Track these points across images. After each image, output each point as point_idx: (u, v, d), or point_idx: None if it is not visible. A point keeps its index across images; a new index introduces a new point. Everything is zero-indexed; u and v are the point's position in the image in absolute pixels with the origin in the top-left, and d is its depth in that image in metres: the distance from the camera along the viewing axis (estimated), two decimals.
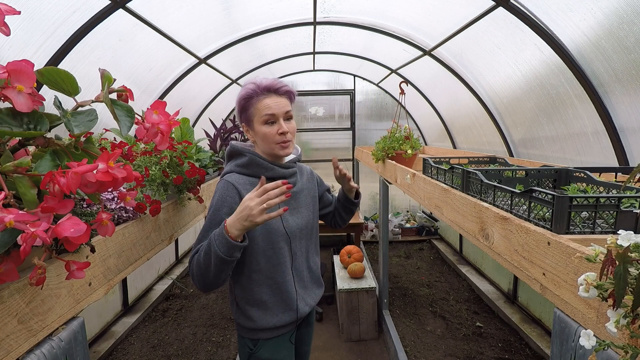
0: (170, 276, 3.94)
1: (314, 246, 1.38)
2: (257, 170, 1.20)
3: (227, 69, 3.80)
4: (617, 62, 1.71)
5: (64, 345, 0.83)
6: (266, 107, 1.15)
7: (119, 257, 1.06)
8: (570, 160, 2.28)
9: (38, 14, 1.65)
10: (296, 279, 1.27)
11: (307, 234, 1.31)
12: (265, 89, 1.16)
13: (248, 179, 1.20)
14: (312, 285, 1.35)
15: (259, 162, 1.20)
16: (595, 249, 0.55)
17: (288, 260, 1.24)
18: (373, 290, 3.03)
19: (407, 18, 2.90)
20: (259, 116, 1.16)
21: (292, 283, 1.25)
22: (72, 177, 0.54)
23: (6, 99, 0.56)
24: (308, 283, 1.33)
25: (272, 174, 1.21)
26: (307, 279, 1.33)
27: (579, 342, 0.53)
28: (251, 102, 1.17)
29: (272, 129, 1.16)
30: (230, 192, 1.15)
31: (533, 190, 0.89)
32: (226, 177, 1.19)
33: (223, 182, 1.18)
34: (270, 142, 1.17)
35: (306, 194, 1.34)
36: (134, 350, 2.80)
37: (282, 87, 1.18)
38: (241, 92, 1.19)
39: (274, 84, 1.17)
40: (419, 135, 4.98)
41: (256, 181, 1.19)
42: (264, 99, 1.15)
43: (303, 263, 1.31)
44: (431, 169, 1.65)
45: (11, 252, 0.59)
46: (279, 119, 1.16)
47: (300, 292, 1.28)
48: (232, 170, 1.22)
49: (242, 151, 1.22)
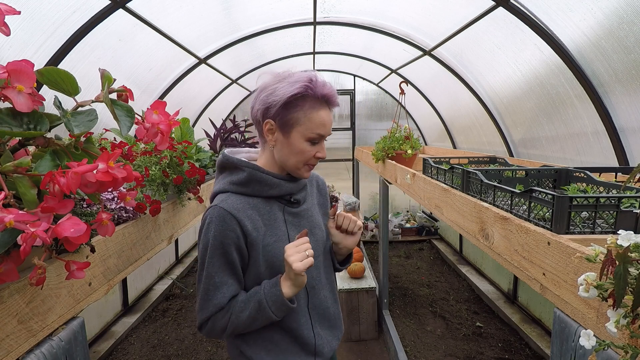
0: (170, 276, 3.94)
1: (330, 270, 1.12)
2: (258, 189, 0.95)
3: (227, 69, 3.80)
4: (617, 62, 1.71)
5: (64, 345, 0.83)
6: (321, 123, 0.91)
7: (119, 257, 1.06)
8: (570, 160, 2.28)
9: (38, 14, 1.65)
10: (315, 319, 1.01)
11: (324, 258, 1.07)
12: (324, 98, 0.91)
13: (248, 202, 0.94)
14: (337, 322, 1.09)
15: (260, 179, 0.94)
16: (595, 249, 0.55)
17: (302, 299, 0.99)
18: (373, 290, 3.03)
19: (407, 18, 2.90)
20: (307, 129, 0.90)
21: (309, 326, 0.99)
22: (72, 177, 0.54)
23: (6, 99, 0.56)
24: (334, 320, 1.07)
25: (278, 191, 0.96)
26: (332, 316, 1.06)
27: (579, 342, 0.53)
28: (302, 104, 0.89)
29: (313, 149, 0.93)
30: (229, 225, 0.89)
31: (533, 190, 0.89)
32: (220, 203, 0.91)
33: (217, 210, 0.90)
34: (301, 162, 0.94)
35: (318, 210, 1.09)
36: (134, 350, 2.80)
37: (337, 101, 0.95)
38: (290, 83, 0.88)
39: (334, 95, 0.93)
40: (419, 135, 4.98)
41: (259, 203, 0.95)
42: (320, 111, 0.91)
43: (326, 297, 1.04)
44: (431, 169, 1.65)
45: (11, 252, 0.59)
46: (322, 141, 0.95)
47: (323, 334, 1.03)
48: (225, 189, 0.96)
49: (239, 165, 0.96)
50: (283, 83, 0.89)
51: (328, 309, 1.04)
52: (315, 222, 1.05)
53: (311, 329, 0.99)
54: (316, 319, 1.01)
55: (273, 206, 0.97)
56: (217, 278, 0.90)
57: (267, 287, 0.90)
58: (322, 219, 1.09)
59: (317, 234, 1.04)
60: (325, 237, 1.07)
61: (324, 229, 1.08)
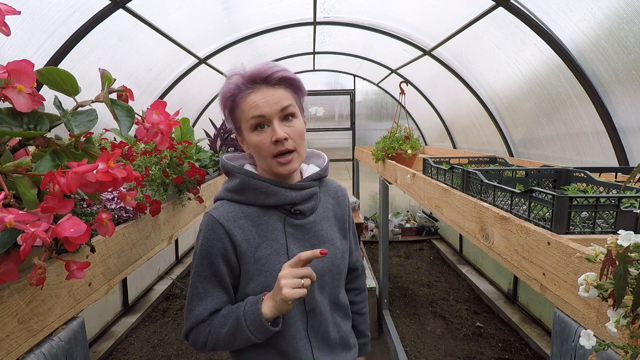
0: (170, 276, 3.94)
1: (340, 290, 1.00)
2: (253, 197, 0.87)
3: (227, 69, 3.77)
4: (617, 62, 1.71)
5: (64, 345, 0.83)
6: (253, 106, 0.81)
7: (119, 257, 1.06)
8: (570, 160, 2.28)
9: (38, 14, 1.65)
10: (315, 343, 0.92)
11: (332, 278, 0.94)
12: (251, 80, 0.82)
13: (242, 210, 0.87)
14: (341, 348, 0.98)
15: (255, 186, 0.86)
16: (595, 249, 0.55)
17: (299, 321, 0.89)
18: (373, 290, 3.03)
19: (407, 18, 2.90)
20: (245, 120, 0.83)
21: (307, 352, 0.90)
22: (72, 177, 0.54)
23: (6, 99, 0.56)
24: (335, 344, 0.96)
25: (276, 200, 0.87)
26: (333, 340, 0.95)
27: (579, 342, 0.53)
28: (237, 100, 0.84)
29: (264, 136, 0.82)
30: (216, 234, 0.84)
31: (533, 190, 0.89)
32: (212, 210, 0.87)
33: (207, 218, 0.86)
34: (265, 156, 0.84)
35: (333, 223, 0.99)
36: (134, 350, 2.80)
37: (274, 73, 0.82)
38: (223, 87, 0.85)
39: (262, 70, 0.82)
40: (419, 135, 4.98)
41: (254, 213, 0.88)
42: (250, 95, 0.82)
43: (327, 320, 0.93)
44: (431, 169, 1.65)
45: (11, 252, 0.59)
46: (273, 121, 0.82)
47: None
48: (221, 196, 0.92)
49: (232, 171, 0.89)
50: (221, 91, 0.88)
51: (328, 333, 0.94)
52: (324, 237, 0.94)
53: (311, 354, 0.90)
54: (316, 344, 0.92)
55: (272, 216, 0.89)
56: (200, 288, 0.85)
57: (248, 304, 0.82)
58: (337, 233, 0.99)
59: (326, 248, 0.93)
60: (337, 255, 0.96)
61: (339, 245, 0.97)
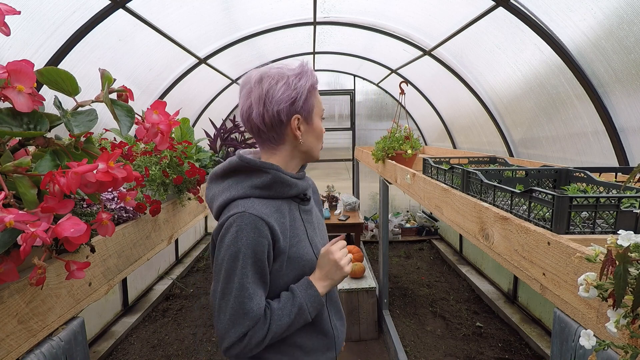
0: (170, 276, 3.94)
1: None
2: (280, 191, 0.92)
3: (227, 69, 3.80)
4: (617, 62, 1.71)
5: (64, 345, 0.83)
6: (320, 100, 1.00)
7: (119, 257, 1.06)
8: (570, 160, 2.28)
9: (38, 14, 1.65)
10: (332, 311, 1.05)
11: None
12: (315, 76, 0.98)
13: (272, 205, 0.90)
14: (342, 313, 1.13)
15: (283, 180, 0.91)
16: (595, 249, 0.55)
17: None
18: (373, 290, 3.03)
19: (407, 18, 2.90)
20: (319, 108, 0.98)
21: (328, 319, 1.01)
22: (72, 177, 0.54)
23: (6, 99, 0.56)
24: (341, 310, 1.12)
25: (296, 190, 0.95)
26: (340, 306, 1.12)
27: (579, 342, 0.53)
28: (313, 91, 0.96)
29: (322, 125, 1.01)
30: (262, 232, 0.84)
31: (533, 190, 0.89)
32: (248, 209, 0.85)
33: (248, 218, 0.83)
34: (320, 140, 1.00)
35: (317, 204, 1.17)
36: (134, 350, 2.80)
37: None
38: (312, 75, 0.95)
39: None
40: (419, 135, 4.98)
41: (281, 205, 0.92)
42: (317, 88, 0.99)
43: (335, 289, 1.11)
44: (431, 169, 1.65)
45: (11, 252, 0.59)
46: None
47: (338, 326, 1.07)
48: (247, 194, 0.89)
49: (262, 167, 0.90)
50: (290, 77, 0.90)
51: (338, 299, 1.09)
52: (319, 217, 1.11)
53: (329, 322, 1.02)
54: (332, 311, 1.05)
55: (291, 206, 0.97)
56: (250, 289, 0.84)
57: (301, 290, 0.90)
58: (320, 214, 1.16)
59: (322, 228, 1.09)
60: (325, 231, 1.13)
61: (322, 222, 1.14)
